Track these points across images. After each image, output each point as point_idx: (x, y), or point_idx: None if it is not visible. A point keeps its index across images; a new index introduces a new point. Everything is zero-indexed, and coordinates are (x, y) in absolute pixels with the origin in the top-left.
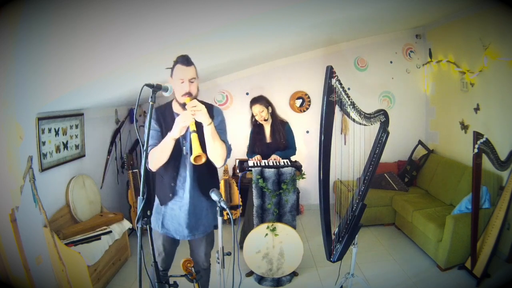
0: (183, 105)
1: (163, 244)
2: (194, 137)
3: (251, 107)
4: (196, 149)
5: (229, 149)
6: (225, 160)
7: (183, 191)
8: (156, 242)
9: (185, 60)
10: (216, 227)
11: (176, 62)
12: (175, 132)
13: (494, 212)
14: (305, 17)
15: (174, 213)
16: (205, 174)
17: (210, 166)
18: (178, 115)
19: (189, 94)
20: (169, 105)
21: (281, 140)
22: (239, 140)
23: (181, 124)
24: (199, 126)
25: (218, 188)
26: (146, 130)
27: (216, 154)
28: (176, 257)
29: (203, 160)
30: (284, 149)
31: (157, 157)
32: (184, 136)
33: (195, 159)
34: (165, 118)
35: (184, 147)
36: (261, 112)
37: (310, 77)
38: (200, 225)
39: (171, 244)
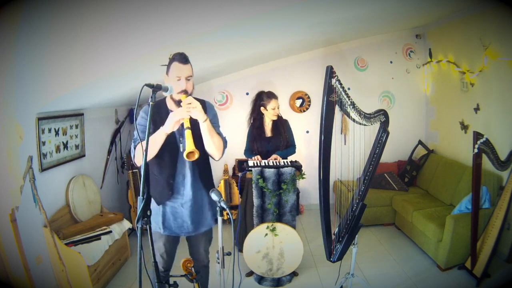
0: (178, 102)
1: (164, 244)
2: (188, 134)
3: (269, 100)
4: (190, 145)
5: (224, 141)
6: (223, 153)
7: (183, 188)
8: (157, 243)
9: (182, 58)
10: (217, 221)
11: (172, 60)
12: (168, 127)
13: (494, 212)
14: (305, 17)
15: (175, 211)
16: (205, 169)
17: (207, 160)
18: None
19: (185, 91)
20: (163, 102)
21: (284, 135)
22: (239, 140)
23: (174, 119)
24: (194, 123)
25: (212, 180)
26: (146, 131)
27: (214, 148)
28: (176, 257)
29: (196, 156)
30: (284, 147)
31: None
32: (181, 133)
33: (188, 155)
34: (160, 115)
35: (181, 144)
36: (277, 108)
37: (310, 77)
38: (204, 219)
39: (172, 243)
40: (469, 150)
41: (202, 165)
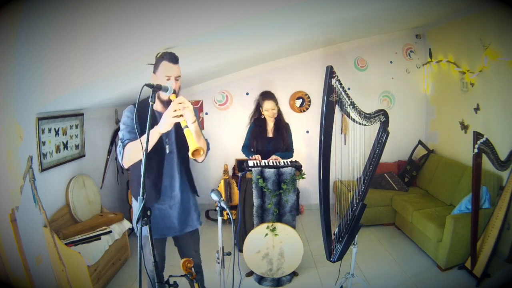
0: (167, 102)
1: (155, 245)
2: (188, 132)
3: (262, 101)
4: (193, 144)
5: (207, 143)
6: (206, 155)
7: (172, 190)
8: (146, 246)
9: (173, 58)
10: (201, 223)
11: (162, 58)
12: (163, 126)
13: (494, 212)
14: (305, 17)
15: (164, 213)
16: (189, 171)
17: (189, 163)
18: (158, 112)
19: (173, 91)
20: (147, 101)
21: (285, 138)
22: (239, 140)
23: (173, 120)
24: (178, 125)
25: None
26: (145, 131)
27: None
28: (176, 257)
29: (201, 153)
30: (284, 149)
31: (136, 151)
32: (167, 135)
33: (193, 153)
34: (146, 115)
35: (167, 146)
36: (273, 109)
37: (310, 77)
38: (190, 220)
39: (161, 243)
40: (469, 150)
41: (187, 167)
